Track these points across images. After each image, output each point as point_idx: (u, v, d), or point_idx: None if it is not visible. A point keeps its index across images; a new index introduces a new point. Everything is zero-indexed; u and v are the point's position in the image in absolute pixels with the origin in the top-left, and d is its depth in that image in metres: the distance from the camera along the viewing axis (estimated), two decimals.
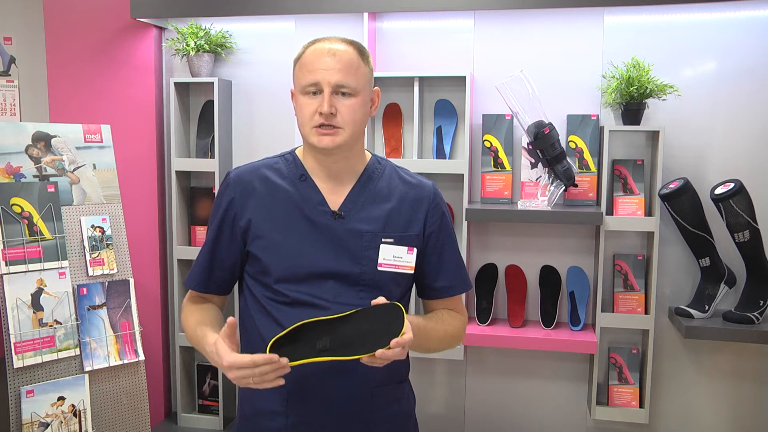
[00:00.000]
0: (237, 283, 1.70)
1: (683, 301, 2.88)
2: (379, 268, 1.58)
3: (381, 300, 1.45)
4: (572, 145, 2.87)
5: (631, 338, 2.94)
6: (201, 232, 3.20)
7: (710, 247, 2.73)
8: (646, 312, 2.82)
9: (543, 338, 2.83)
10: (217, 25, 3.13)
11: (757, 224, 2.63)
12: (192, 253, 3.17)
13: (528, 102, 2.74)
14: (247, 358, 1.36)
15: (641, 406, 2.86)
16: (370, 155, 1.70)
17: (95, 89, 3.18)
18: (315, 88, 1.52)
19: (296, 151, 1.67)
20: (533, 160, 2.87)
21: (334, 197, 1.61)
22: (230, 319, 1.43)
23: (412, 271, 1.62)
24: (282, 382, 1.40)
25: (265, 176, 1.62)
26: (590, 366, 2.96)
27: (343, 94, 1.52)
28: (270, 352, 1.38)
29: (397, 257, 1.60)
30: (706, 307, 2.74)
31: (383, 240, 1.59)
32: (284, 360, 1.37)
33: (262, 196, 1.60)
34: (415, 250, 1.61)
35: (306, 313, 1.52)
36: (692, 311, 2.74)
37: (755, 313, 2.68)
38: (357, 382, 1.57)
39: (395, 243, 1.60)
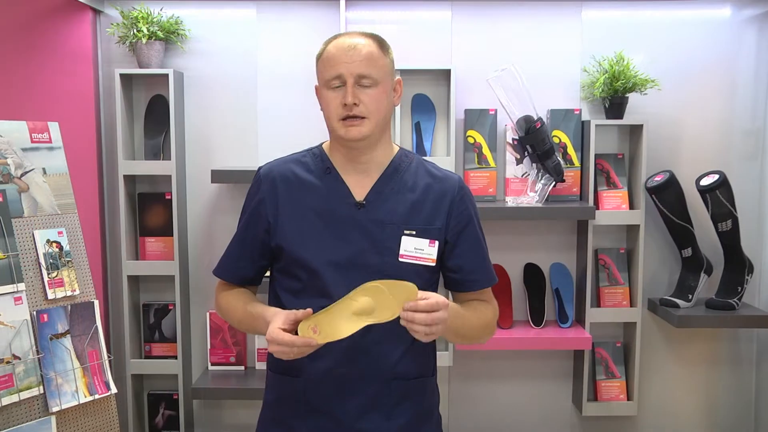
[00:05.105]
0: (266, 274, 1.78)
1: (660, 292, 2.94)
2: (400, 260, 1.62)
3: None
4: (556, 140, 2.83)
5: (613, 332, 2.96)
6: (152, 244, 2.83)
7: (692, 237, 2.80)
8: (632, 305, 2.85)
9: (535, 338, 2.78)
10: (167, 10, 2.79)
11: (737, 213, 2.72)
12: (142, 268, 2.82)
13: (517, 96, 2.67)
14: (287, 337, 1.47)
15: (629, 398, 2.88)
16: (398, 148, 1.73)
17: (21, 81, 2.70)
18: (339, 81, 1.57)
19: (323, 146, 1.73)
20: (518, 156, 2.81)
21: (360, 189, 1.65)
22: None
23: (434, 264, 1.65)
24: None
25: (292, 171, 1.69)
26: (574, 363, 2.95)
27: (366, 85, 1.57)
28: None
29: (418, 249, 1.63)
30: (690, 297, 2.80)
31: (405, 232, 1.63)
32: (314, 341, 1.48)
33: (290, 191, 1.67)
34: (437, 242, 1.65)
35: (329, 302, 1.56)
36: (678, 301, 2.79)
37: (735, 299, 2.78)
38: (376, 373, 1.62)
39: (417, 235, 1.63)
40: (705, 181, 2.72)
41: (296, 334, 1.49)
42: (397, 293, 1.46)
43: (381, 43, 1.62)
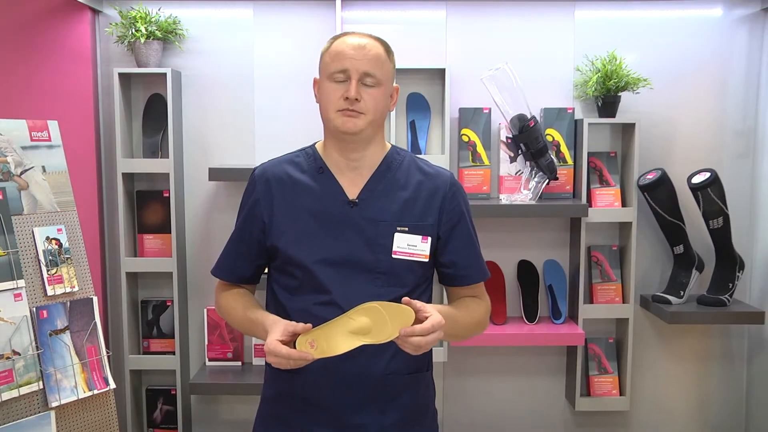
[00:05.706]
0: (264, 272, 1.81)
1: (652, 289, 2.97)
2: (393, 256, 1.65)
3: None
4: (549, 138, 2.86)
5: (606, 328, 2.99)
6: (150, 241, 2.86)
7: (684, 234, 2.83)
8: (624, 301, 2.88)
9: (528, 334, 2.81)
10: (165, 10, 2.81)
11: (728, 211, 2.76)
12: (141, 265, 2.85)
13: (510, 95, 2.70)
14: (284, 350, 1.50)
15: (621, 393, 2.91)
16: (390, 146, 1.76)
17: (21, 80, 2.74)
18: (343, 76, 1.61)
19: (316, 145, 1.77)
20: (512, 154, 2.84)
21: (353, 188, 1.69)
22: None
23: (427, 260, 1.69)
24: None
25: (286, 171, 1.72)
26: (567, 358, 2.99)
27: (369, 84, 1.62)
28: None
29: (411, 245, 1.67)
30: (681, 293, 2.83)
31: (398, 228, 1.67)
32: (310, 356, 1.51)
33: (284, 192, 1.70)
34: (429, 238, 1.68)
35: (325, 299, 1.63)
36: (670, 297, 2.82)
37: (726, 296, 2.82)
38: (370, 368, 1.65)
39: (410, 232, 1.67)
40: (696, 179, 2.75)
41: (294, 345, 1.53)
42: (394, 317, 1.50)
43: (387, 48, 1.68)
